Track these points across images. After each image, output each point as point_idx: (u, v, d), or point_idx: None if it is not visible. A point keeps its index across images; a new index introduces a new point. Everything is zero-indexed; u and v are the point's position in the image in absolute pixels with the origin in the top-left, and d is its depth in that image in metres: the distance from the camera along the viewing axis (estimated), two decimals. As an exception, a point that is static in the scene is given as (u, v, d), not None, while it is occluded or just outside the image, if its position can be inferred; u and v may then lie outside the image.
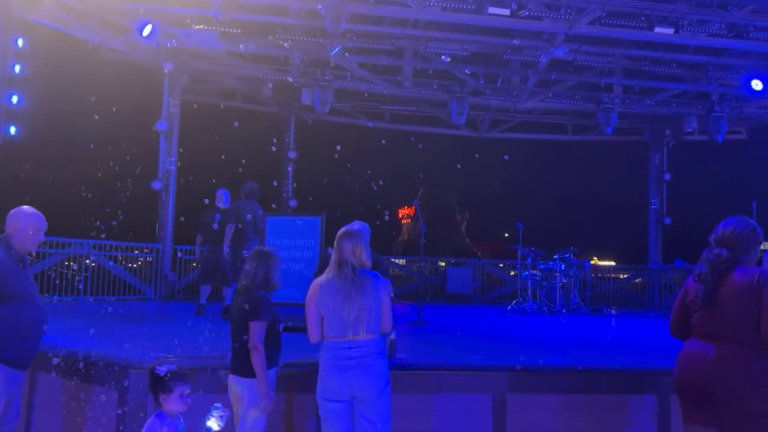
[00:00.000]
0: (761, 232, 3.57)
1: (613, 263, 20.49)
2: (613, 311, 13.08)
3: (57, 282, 10.88)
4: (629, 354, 6.55)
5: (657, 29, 10.37)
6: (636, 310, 14.22)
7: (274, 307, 4.23)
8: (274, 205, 13.04)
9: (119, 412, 4.43)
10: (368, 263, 3.97)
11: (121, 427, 4.40)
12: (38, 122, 11.35)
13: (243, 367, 4.04)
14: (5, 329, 3.92)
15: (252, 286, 4.19)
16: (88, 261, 11.29)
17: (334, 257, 3.97)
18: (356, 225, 4.62)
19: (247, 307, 4.06)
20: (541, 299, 11.93)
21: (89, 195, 11.28)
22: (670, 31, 10.41)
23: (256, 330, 4.01)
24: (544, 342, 7.40)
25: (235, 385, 4.11)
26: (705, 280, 3.43)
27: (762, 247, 4.20)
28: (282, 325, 4.29)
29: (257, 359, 3.97)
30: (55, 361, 4.85)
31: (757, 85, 12.03)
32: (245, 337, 4.02)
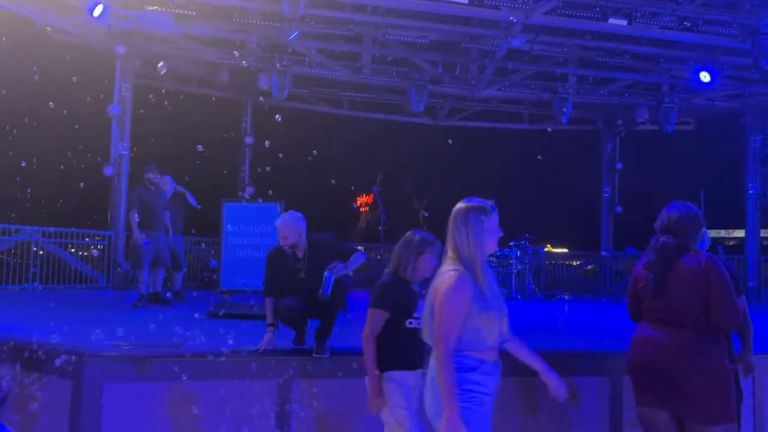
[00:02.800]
0: (702, 217, 3.66)
1: (566, 250, 20.94)
2: (566, 297, 13.39)
3: (4, 270, 10.53)
4: (582, 337, 6.73)
5: (611, 20, 10.59)
6: (588, 296, 14.59)
7: (410, 299, 3.72)
8: (241, 193, 12.88)
9: (73, 401, 4.33)
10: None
11: (74, 416, 4.31)
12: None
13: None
14: None
15: (390, 271, 3.80)
16: (36, 249, 10.95)
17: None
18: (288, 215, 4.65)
19: (373, 291, 3.76)
20: (497, 285, 12.12)
21: (38, 181, 10.94)
22: (624, 22, 10.64)
23: (370, 318, 3.68)
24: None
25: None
26: (653, 269, 3.49)
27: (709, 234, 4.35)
28: (411, 321, 3.68)
29: (365, 351, 3.64)
30: (5, 350, 4.71)
31: (705, 77, 12.40)
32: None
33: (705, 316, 3.35)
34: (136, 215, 8.59)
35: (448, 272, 2.93)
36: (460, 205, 3.02)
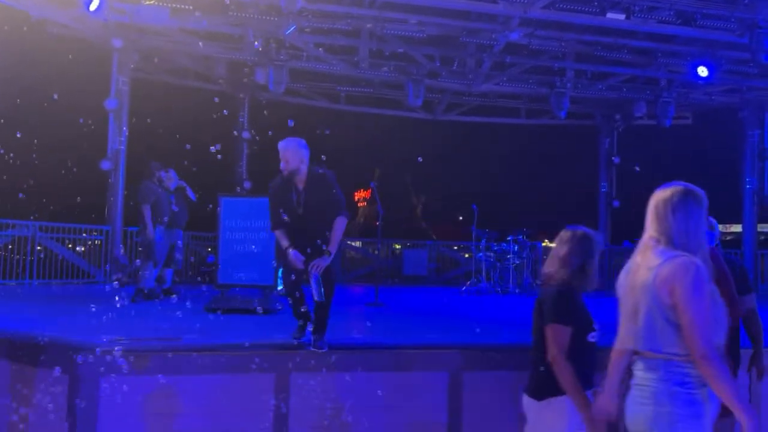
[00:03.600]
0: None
1: (564, 245, 20.94)
2: (564, 291, 13.38)
3: (1, 265, 10.51)
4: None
5: (609, 15, 10.57)
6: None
7: (586, 309, 3.34)
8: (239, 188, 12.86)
9: (70, 395, 4.33)
10: None
11: (72, 410, 4.30)
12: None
13: (534, 385, 3.27)
14: None
15: (559, 277, 3.31)
16: (33, 243, 10.93)
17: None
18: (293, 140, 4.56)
19: (546, 304, 3.27)
20: (495, 280, 12.15)
21: (35, 176, 10.91)
22: (622, 17, 10.63)
23: (553, 336, 3.19)
24: (498, 321, 7.55)
25: (524, 408, 3.32)
26: None
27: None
28: (593, 335, 3.30)
29: (561, 375, 3.12)
30: (2, 345, 4.70)
31: (703, 71, 12.38)
32: (537, 343, 3.22)
33: None
34: (149, 210, 8.62)
35: (678, 259, 2.51)
36: (676, 188, 2.64)
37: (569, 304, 3.22)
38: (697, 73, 12.45)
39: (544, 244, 14.85)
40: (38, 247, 11.02)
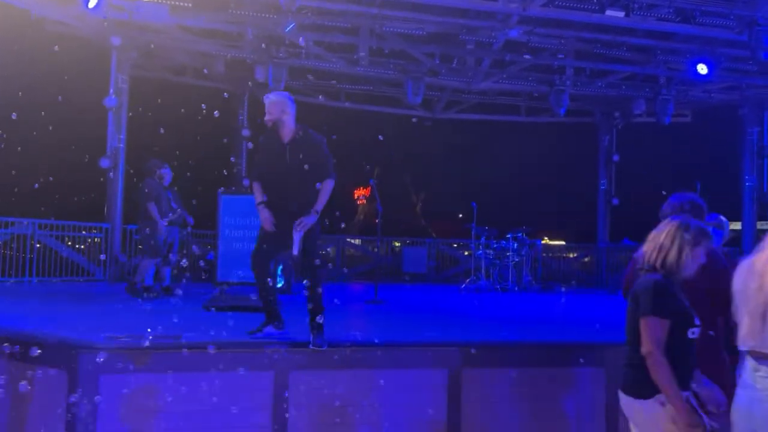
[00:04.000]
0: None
1: (563, 243, 20.97)
2: (563, 289, 13.42)
3: (0, 263, 10.50)
4: (579, 329, 6.75)
5: (608, 12, 10.57)
6: (585, 288, 14.63)
7: (683, 302, 3.07)
8: (234, 187, 12.85)
9: (69, 393, 4.33)
10: None
11: (72, 410, 4.31)
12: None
13: (630, 383, 3.08)
14: None
15: (659, 267, 3.10)
16: (33, 241, 10.93)
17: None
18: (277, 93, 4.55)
19: (642, 295, 3.03)
20: (494, 277, 12.15)
21: (34, 173, 10.91)
22: (621, 14, 10.62)
23: (647, 329, 2.97)
24: (497, 318, 7.55)
25: (624, 408, 3.15)
26: None
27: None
28: (694, 331, 3.06)
29: (656, 371, 2.92)
30: (1, 342, 4.70)
31: (702, 69, 12.38)
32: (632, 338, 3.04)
33: (707, 306, 3.35)
34: (155, 206, 8.67)
35: None
36: None
37: (667, 296, 3.01)
38: (696, 70, 12.45)
39: (543, 241, 14.87)
40: (37, 245, 11.01)
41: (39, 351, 4.58)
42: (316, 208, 4.81)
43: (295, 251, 4.71)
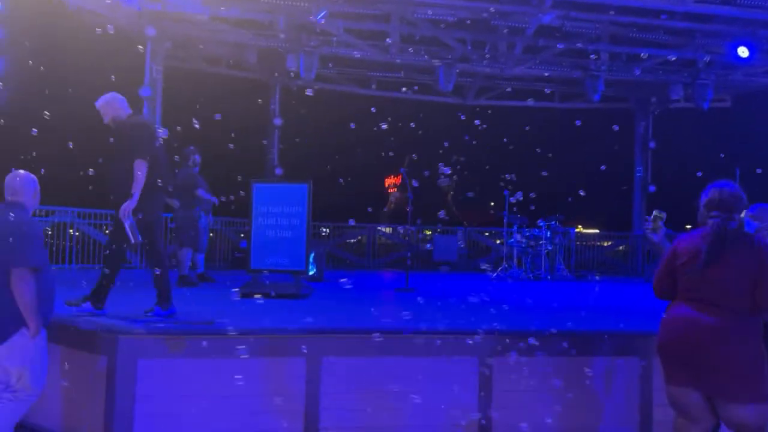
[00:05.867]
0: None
1: (597, 231, 20.67)
2: (597, 277, 13.25)
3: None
4: (613, 318, 6.66)
5: (645, -5, 10.34)
6: (619, 277, 14.42)
7: None
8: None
9: (108, 377, 4.45)
10: None
11: (110, 393, 4.42)
12: (21, 87, 11.13)
13: None
14: (46, 294, 4.15)
15: None
16: (71, 230, 11.21)
17: None
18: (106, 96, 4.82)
19: None
20: (527, 266, 12.06)
21: (72, 163, 11.15)
22: (659, -4, 10.38)
23: None
24: (529, 307, 7.49)
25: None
26: (710, 246, 3.37)
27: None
28: None
29: None
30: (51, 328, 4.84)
31: (743, 52, 12.03)
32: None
33: (750, 298, 3.30)
34: (204, 193, 8.92)
35: None
36: None
37: None
38: (737, 53, 12.10)
39: (577, 229, 14.68)
40: (76, 233, 11.28)
41: (80, 336, 4.71)
42: (131, 191, 4.94)
43: (132, 240, 4.94)
